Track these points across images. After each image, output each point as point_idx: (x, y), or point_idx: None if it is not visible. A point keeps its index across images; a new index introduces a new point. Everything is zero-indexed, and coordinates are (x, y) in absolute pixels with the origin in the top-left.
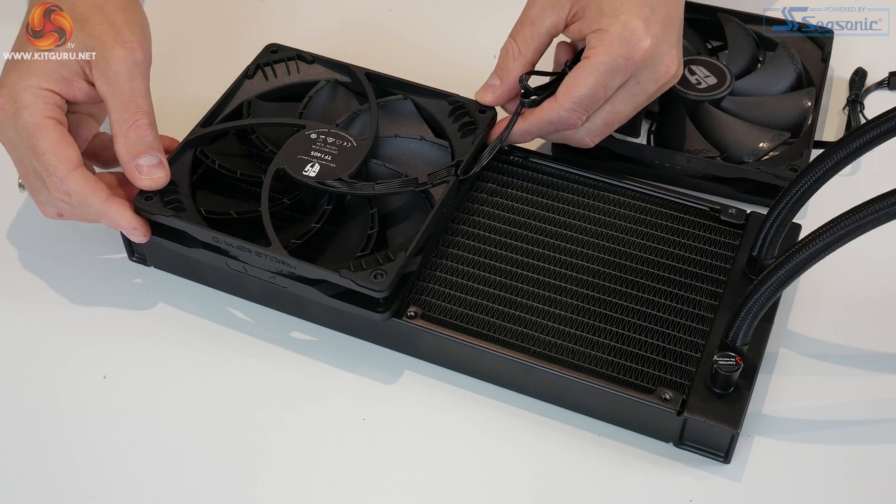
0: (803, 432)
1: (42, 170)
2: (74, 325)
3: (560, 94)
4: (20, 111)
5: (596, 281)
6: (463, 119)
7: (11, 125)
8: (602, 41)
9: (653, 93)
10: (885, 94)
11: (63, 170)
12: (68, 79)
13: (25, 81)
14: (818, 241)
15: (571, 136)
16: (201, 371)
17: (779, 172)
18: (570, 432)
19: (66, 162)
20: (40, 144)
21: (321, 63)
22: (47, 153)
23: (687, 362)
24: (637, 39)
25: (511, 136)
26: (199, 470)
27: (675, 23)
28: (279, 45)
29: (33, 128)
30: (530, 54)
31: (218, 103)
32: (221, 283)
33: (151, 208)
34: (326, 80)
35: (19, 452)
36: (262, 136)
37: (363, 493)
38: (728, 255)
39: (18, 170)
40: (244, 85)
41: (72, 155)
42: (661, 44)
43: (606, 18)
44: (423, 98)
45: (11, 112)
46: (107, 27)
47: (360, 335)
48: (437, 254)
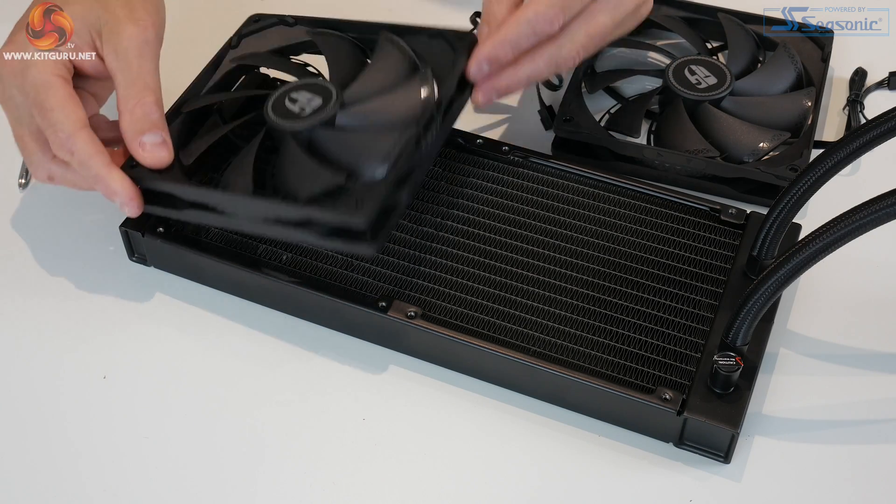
0: (803, 432)
1: (47, 127)
2: (74, 325)
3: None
4: (29, 67)
5: (596, 281)
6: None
7: (17, 82)
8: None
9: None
10: (885, 94)
11: (70, 126)
12: (78, 46)
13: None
14: (818, 241)
15: (556, 52)
16: (201, 370)
17: (779, 172)
18: (570, 432)
19: (73, 120)
20: (48, 100)
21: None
22: (55, 109)
23: (687, 362)
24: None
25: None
26: (200, 470)
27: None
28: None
29: (42, 84)
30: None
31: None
32: (221, 283)
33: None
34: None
35: (19, 452)
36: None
37: (363, 493)
38: (728, 255)
39: (14, 129)
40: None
41: (80, 114)
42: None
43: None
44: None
45: (19, 69)
46: (122, 3)
47: (361, 335)
48: (436, 252)
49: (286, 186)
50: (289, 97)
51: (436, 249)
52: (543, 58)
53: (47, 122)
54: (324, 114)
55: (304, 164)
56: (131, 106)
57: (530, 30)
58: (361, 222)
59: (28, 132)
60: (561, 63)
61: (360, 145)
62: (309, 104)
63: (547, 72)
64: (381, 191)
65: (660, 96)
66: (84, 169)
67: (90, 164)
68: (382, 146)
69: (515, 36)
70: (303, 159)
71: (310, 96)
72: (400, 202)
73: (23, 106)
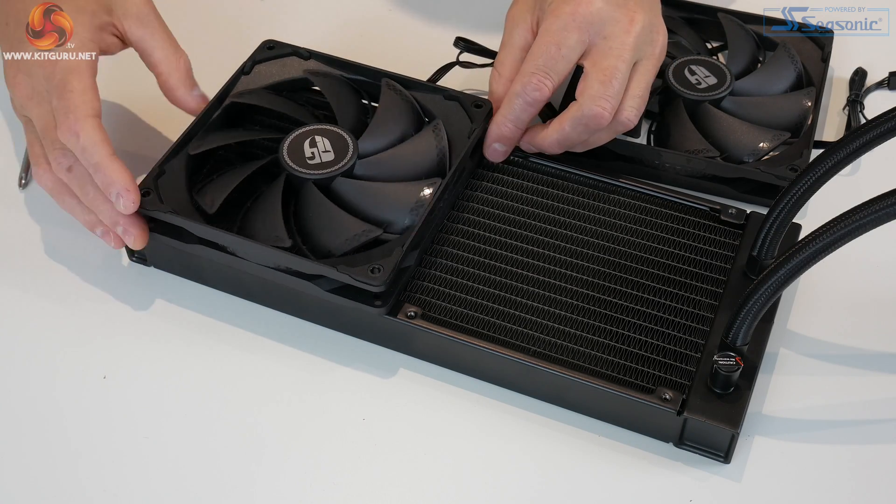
0: (803, 432)
1: (61, 109)
2: (74, 325)
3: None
4: (63, 54)
5: (596, 281)
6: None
7: (50, 67)
8: (551, 13)
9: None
10: (885, 94)
11: (84, 110)
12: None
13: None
14: (818, 241)
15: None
16: (201, 371)
17: (779, 172)
18: (570, 432)
19: (89, 106)
20: (72, 82)
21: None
22: (76, 92)
23: (687, 362)
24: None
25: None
26: (199, 470)
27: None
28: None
29: (74, 67)
30: (507, 73)
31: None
32: (221, 283)
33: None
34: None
35: (19, 452)
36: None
37: (363, 493)
38: (728, 255)
39: (36, 122)
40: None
41: (96, 104)
42: (615, 10)
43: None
44: (416, 93)
45: (55, 54)
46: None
47: (360, 335)
48: (437, 253)
49: (314, 238)
50: (309, 141)
51: (436, 249)
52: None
53: (63, 104)
54: (344, 163)
55: (334, 215)
56: (175, 62)
57: (523, 102)
58: (379, 286)
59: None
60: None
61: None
62: (328, 151)
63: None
64: (399, 254)
65: (660, 96)
66: (86, 155)
67: (93, 150)
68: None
69: (511, 113)
70: (332, 210)
71: (327, 142)
72: (411, 264)
73: (41, 92)
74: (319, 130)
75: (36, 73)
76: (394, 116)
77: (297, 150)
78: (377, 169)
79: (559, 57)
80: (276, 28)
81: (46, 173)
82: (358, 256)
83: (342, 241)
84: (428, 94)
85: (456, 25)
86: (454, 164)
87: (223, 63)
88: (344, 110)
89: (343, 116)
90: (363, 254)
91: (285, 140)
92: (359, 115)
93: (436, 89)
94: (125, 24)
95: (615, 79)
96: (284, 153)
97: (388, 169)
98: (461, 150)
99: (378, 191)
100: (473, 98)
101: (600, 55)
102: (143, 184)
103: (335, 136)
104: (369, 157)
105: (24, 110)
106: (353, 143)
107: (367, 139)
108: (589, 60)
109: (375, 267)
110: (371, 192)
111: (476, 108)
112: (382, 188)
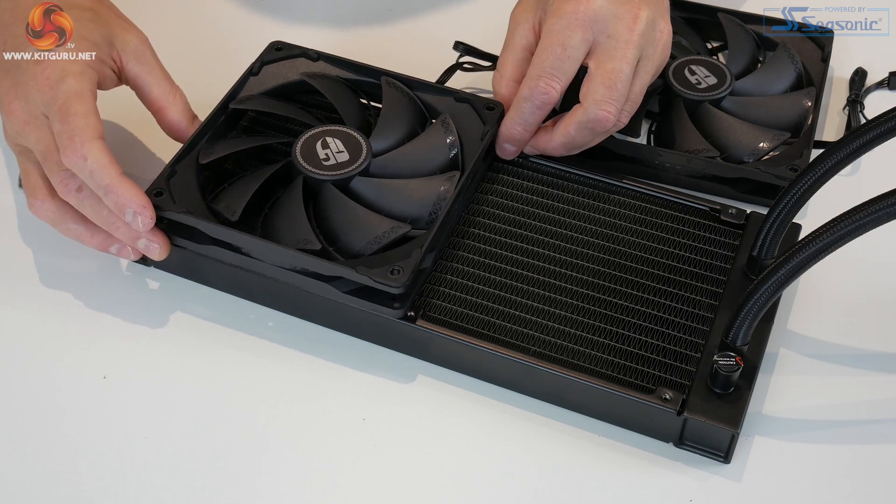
0: (803, 432)
1: (64, 133)
2: (74, 325)
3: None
4: (66, 77)
5: (596, 281)
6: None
7: (50, 93)
8: (553, 12)
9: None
10: (885, 94)
11: (89, 134)
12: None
13: (74, 59)
14: (818, 241)
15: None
16: (202, 371)
17: (779, 172)
18: (570, 432)
19: (93, 129)
20: (74, 106)
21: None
22: (79, 115)
23: (687, 362)
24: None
25: (506, 131)
26: (200, 470)
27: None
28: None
29: (76, 92)
30: (509, 73)
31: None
32: (222, 284)
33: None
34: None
35: (19, 453)
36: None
37: (363, 493)
38: (728, 255)
39: (35, 147)
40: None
41: (100, 127)
42: (618, 7)
43: (559, 1)
44: (428, 95)
45: (56, 79)
46: (113, 14)
47: (361, 335)
48: (446, 256)
49: (340, 239)
50: (320, 143)
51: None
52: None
53: (66, 128)
54: (360, 162)
55: (359, 215)
56: (171, 98)
57: (531, 106)
58: (398, 287)
59: (43, 150)
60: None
61: (406, 194)
62: (342, 151)
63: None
64: (418, 255)
65: (660, 96)
66: (94, 178)
67: (102, 173)
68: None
69: (520, 116)
70: (357, 210)
71: (339, 142)
72: (427, 265)
73: (41, 117)
74: (330, 132)
75: (34, 99)
76: (400, 113)
77: (310, 152)
78: (392, 166)
79: (565, 57)
80: (274, 27)
81: (45, 203)
82: (375, 258)
83: (370, 241)
84: (439, 96)
85: (457, 25)
86: (469, 166)
87: (223, 63)
88: (348, 110)
89: (349, 116)
90: (380, 255)
91: (297, 143)
92: (362, 114)
93: (447, 91)
94: (124, 59)
95: (619, 81)
96: (298, 156)
97: (403, 165)
98: (475, 152)
99: (400, 188)
100: (485, 100)
101: (605, 56)
102: (155, 184)
103: (346, 136)
104: (383, 155)
105: (20, 138)
106: (365, 142)
107: (377, 137)
108: (594, 61)
109: (395, 268)
110: (392, 190)
111: (488, 111)
112: (404, 185)
